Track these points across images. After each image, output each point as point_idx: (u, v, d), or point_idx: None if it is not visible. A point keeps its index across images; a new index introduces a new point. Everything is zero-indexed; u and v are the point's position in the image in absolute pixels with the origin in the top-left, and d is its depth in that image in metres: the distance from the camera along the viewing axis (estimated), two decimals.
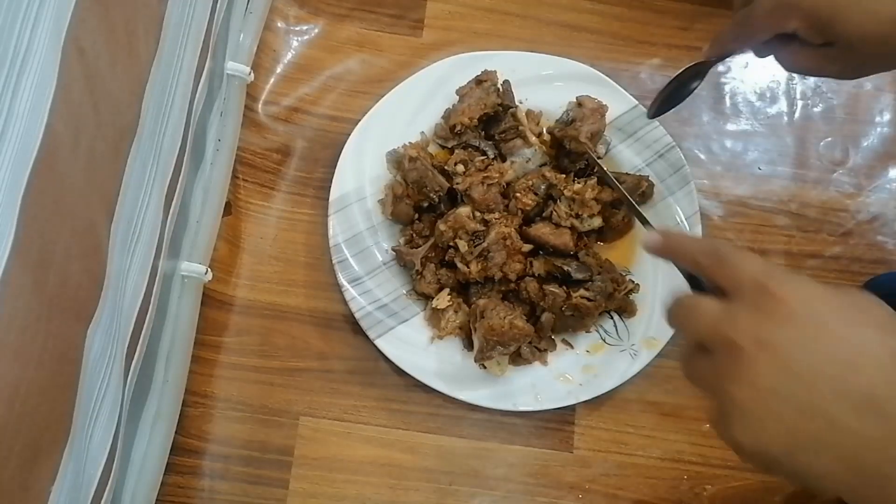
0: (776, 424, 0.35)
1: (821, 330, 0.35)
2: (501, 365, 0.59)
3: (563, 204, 0.61)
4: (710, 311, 0.37)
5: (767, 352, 0.35)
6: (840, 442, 0.34)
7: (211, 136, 0.63)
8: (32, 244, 0.32)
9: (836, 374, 0.34)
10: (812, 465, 0.35)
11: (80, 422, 0.40)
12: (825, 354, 0.34)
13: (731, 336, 0.36)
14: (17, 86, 0.31)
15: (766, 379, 0.35)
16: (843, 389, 0.34)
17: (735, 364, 0.35)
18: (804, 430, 0.34)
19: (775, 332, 0.35)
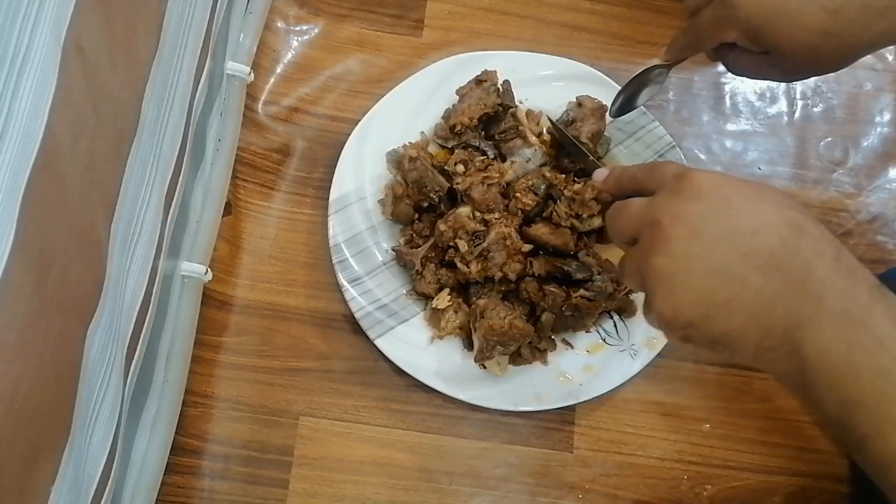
0: (692, 290, 0.39)
1: (727, 204, 0.40)
2: (501, 365, 0.59)
3: (563, 204, 0.61)
4: (637, 205, 0.43)
5: (681, 223, 0.40)
6: (750, 301, 0.38)
7: (211, 136, 0.63)
8: (32, 244, 0.32)
9: (741, 240, 0.39)
10: (726, 327, 0.39)
11: (80, 422, 0.40)
12: (732, 224, 0.39)
13: (651, 216, 0.41)
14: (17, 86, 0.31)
15: (682, 247, 0.39)
16: (749, 252, 0.38)
17: (655, 239, 0.40)
18: (718, 293, 0.39)
19: (688, 207, 0.40)
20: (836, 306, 0.37)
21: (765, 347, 0.39)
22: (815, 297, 0.38)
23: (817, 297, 0.38)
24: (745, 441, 0.62)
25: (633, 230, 0.43)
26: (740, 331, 0.39)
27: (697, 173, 0.41)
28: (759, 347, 0.39)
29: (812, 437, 0.63)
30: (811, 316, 0.37)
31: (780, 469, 0.62)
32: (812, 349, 0.37)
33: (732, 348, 0.40)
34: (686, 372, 0.64)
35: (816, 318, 0.37)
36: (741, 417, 0.63)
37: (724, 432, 0.62)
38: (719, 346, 0.40)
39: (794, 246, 0.38)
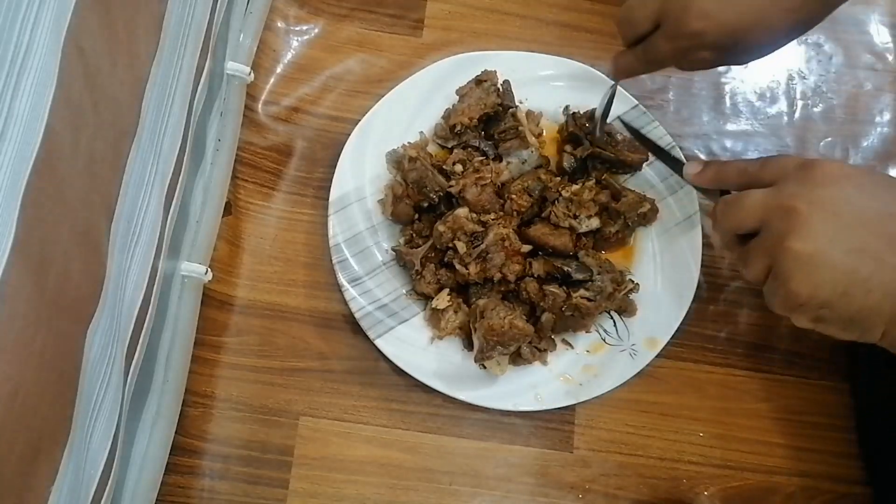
0: (833, 269, 0.41)
1: (860, 188, 0.42)
2: (501, 365, 0.59)
3: (561, 205, 0.61)
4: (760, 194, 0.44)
5: (820, 208, 0.42)
6: (886, 278, 0.41)
7: (211, 136, 0.64)
8: (32, 244, 0.32)
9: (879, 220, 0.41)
10: (862, 304, 0.41)
11: (80, 422, 0.40)
12: (867, 206, 0.42)
13: (786, 203, 0.43)
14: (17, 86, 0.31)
15: (823, 230, 0.41)
16: (886, 232, 0.41)
17: (793, 224, 0.42)
18: (858, 271, 0.41)
19: (823, 192, 0.42)
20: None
21: None
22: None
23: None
24: (745, 441, 0.62)
25: (757, 220, 0.44)
26: (876, 306, 0.41)
27: (824, 162, 0.43)
28: (891, 322, 0.41)
29: (812, 437, 0.63)
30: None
31: (780, 469, 0.62)
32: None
33: (865, 326, 0.42)
34: (686, 372, 0.64)
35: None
36: (741, 417, 0.63)
37: (724, 432, 0.62)
38: (853, 324, 0.42)
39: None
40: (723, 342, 0.65)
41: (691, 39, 0.50)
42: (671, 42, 0.51)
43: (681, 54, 0.52)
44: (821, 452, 0.63)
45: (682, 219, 0.65)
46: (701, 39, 0.49)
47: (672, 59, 0.52)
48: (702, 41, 0.50)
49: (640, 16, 0.51)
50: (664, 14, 0.50)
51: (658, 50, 0.52)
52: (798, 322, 0.44)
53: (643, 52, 0.53)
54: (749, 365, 0.48)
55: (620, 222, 0.63)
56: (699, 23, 0.48)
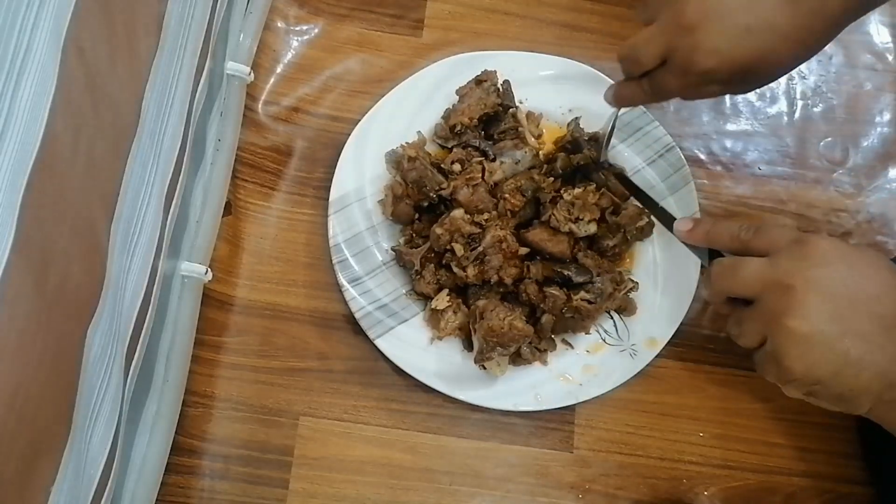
0: (827, 350, 0.42)
1: (852, 268, 0.44)
2: (501, 365, 0.59)
3: (563, 208, 0.61)
4: (756, 265, 0.46)
5: (815, 288, 0.43)
6: (877, 360, 0.42)
7: (211, 136, 0.63)
8: (32, 244, 0.32)
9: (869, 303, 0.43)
10: (853, 384, 0.42)
11: (80, 422, 0.40)
12: (860, 288, 0.43)
13: (782, 280, 0.44)
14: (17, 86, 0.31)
15: (819, 310, 0.43)
16: (875, 314, 0.43)
17: (789, 302, 0.43)
18: (850, 352, 0.42)
19: (819, 272, 0.43)
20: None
21: (886, 399, 0.43)
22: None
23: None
24: (745, 441, 0.62)
25: (753, 291, 0.46)
26: (865, 386, 0.43)
27: (818, 239, 0.45)
28: (879, 399, 0.43)
29: (812, 437, 0.63)
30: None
31: (780, 469, 0.62)
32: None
33: (854, 402, 0.44)
34: (686, 372, 0.64)
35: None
36: (741, 417, 0.63)
37: (724, 432, 0.62)
38: (843, 400, 0.44)
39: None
40: (723, 342, 0.65)
41: (701, 76, 0.49)
42: (680, 79, 0.51)
43: (690, 88, 0.51)
44: (821, 452, 0.63)
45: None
46: (711, 76, 0.49)
47: (679, 92, 0.52)
48: (711, 78, 0.49)
49: (647, 53, 0.51)
50: (672, 52, 0.49)
51: (665, 85, 0.52)
52: (789, 393, 0.46)
53: (650, 85, 0.53)
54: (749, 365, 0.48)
55: (620, 236, 0.62)
56: (710, 61, 0.48)
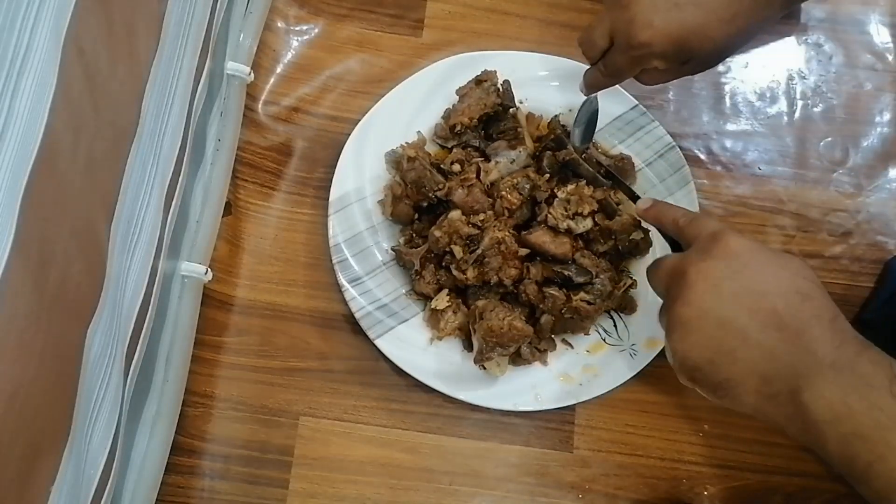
0: (703, 336, 0.45)
1: (748, 267, 0.45)
2: (501, 365, 0.59)
3: (559, 206, 0.61)
4: (670, 260, 0.49)
5: (704, 278, 0.45)
6: (750, 353, 0.43)
7: (211, 136, 0.63)
8: (32, 244, 0.32)
9: (752, 298, 0.44)
10: (729, 374, 0.44)
11: (80, 422, 0.40)
12: (746, 284, 0.45)
13: (681, 267, 0.47)
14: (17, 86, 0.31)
15: (700, 298, 0.45)
16: (756, 309, 0.44)
17: (679, 288, 0.46)
18: (724, 341, 0.44)
19: (713, 265, 0.45)
20: (827, 358, 0.42)
21: (764, 394, 0.44)
22: (809, 351, 0.43)
23: (811, 351, 0.43)
24: (745, 441, 0.62)
25: (665, 282, 0.48)
26: (741, 378, 0.44)
27: (731, 236, 0.46)
28: (758, 394, 0.44)
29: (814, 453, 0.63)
30: (807, 366, 0.42)
31: (780, 469, 0.62)
32: (809, 394, 0.42)
33: (734, 395, 0.45)
34: None
35: (812, 367, 0.42)
36: (741, 417, 0.62)
37: (724, 432, 0.62)
38: (721, 391, 0.45)
39: (796, 308, 0.44)
40: None
41: (640, 49, 0.54)
42: (624, 54, 0.55)
43: (635, 64, 0.56)
44: None
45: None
46: (649, 49, 0.54)
47: (629, 69, 0.57)
48: (650, 51, 0.54)
49: (597, 35, 0.56)
50: (615, 29, 0.55)
51: (615, 63, 0.57)
52: (681, 380, 0.47)
53: (604, 66, 0.58)
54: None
55: (611, 243, 0.62)
56: (644, 33, 0.53)
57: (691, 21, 0.52)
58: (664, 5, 0.52)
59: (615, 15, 0.54)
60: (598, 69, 0.59)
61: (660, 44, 0.53)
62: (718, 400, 0.46)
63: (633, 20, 0.53)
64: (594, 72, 0.59)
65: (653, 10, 0.52)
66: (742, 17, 0.53)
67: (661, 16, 0.52)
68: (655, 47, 0.53)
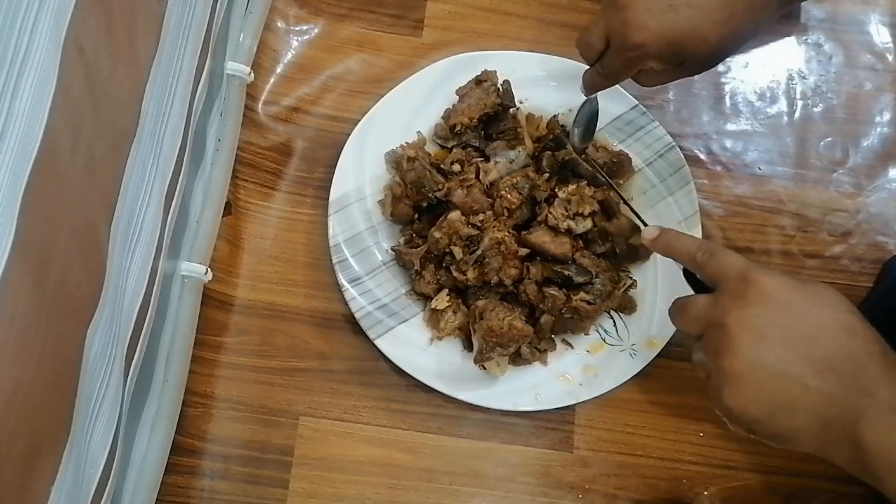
0: (758, 390, 0.43)
1: (789, 310, 0.44)
2: (501, 365, 0.59)
3: (559, 206, 0.61)
4: (701, 304, 0.47)
5: (747, 328, 0.43)
6: (810, 402, 0.42)
7: (211, 136, 0.63)
8: (32, 244, 0.32)
9: (802, 345, 0.43)
10: (790, 424, 0.43)
11: (80, 422, 0.40)
12: (793, 329, 0.43)
13: (718, 318, 0.44)
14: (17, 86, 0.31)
15: (748, 350, 0.43)
16: (809, 357, 0.42)
17: (723, 340, 0.44)
18: (782, 394, 0.42)
19: (753, 312, 0.44)
20: (886, 399, 0.41)
21: (826, 441, 0.43)
22: (867, 393, 0.42)
23: (869, 393, 0.42)
24: (745, 441, 0.62)
25: (699, 329, 0.46)
26: (803, 427, 0.43)
27: (760, 276, 0.44)
28: (820, 440, 0.43)
29: None
30: (866, 410, 0.41)
31: (780, 469, 0.62)
32: (869, 440, 0.41)
33: (796, 442, 0.43)
34: (686, 372, 0.64)
35: (871, 411, 0.41)
36: None
37: (724, 432, 0.62)
38: (784, 440, 0.44)
39: (847, 348, 0.43)
40: None
41: (635, 51, 0.54)
42: (620, 55, 0.55)
43: (631, 65, 0.56)
44: None
45: (681, 219, 0.65)
46: (644, 50, 0.54)
47: (625, 70, 0.57)
48: (645, 52, 0.54)
49: (593, 36, 0.56)
50: (610, 31, 0.55)
51: (611, 64, 0.57)
52: (733, 430, 0.46)
53: (601, 67, 0.58)
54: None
55: (608, 245, 0.62)
56: (639, 35, 0.53)
57: (685, 23, 0.52)
58: (658, 7, 0.52)
59: (611, 17, 0.54)
60: (595, 70, 0.59)
61: (654, 45, 0.53)
62: (780, 447, 0.45)
63: (627, 22, 0.53)
64: (592, 73, 0.60)
65: (647, 12, 0.52)
66: (736, 18, 0.53)
67: (655, 18, 0.52)
68: (650, 49, 0.53)
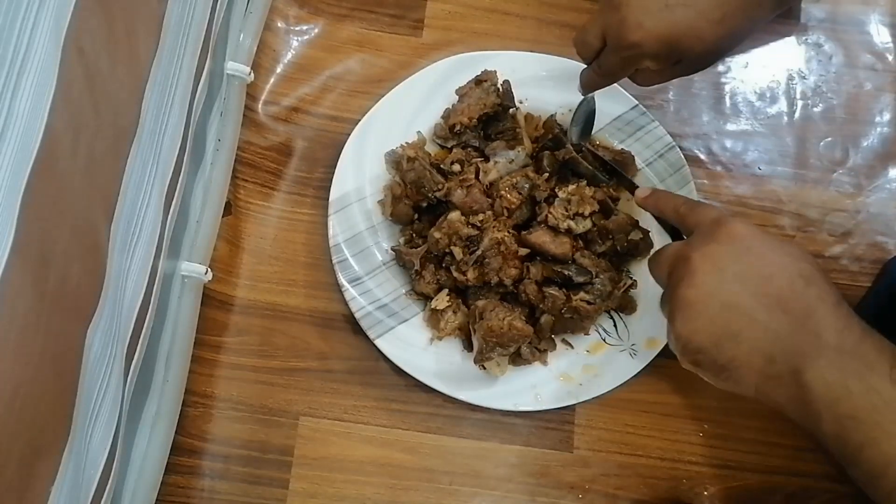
0: (708, 318, 0.45)
1: (751, 251, 0.46)
2: (501, 365, 0.59)
3: (560, 206, 0.61)
4: (673, 247, 0.49)
5: (708, 261, 0.45)
6: (757, 334, 0.44)
7: (211, 136, 0.63)
8: (32, 244, 0.32)
9: (756, 281, 0.45)
10: (734, 354, 0.44)
11: (80, 422, 0.40)
12: (751, 266, 0.45)
13: (685, 253, 0.47)
14: (17, 86, 0.31)
15: (704, 281, 0.45)
16: (760, 292, 0.44)
17: (683, 272, 0.46)
18: (729, 323, 0.44)
19: (717, 248, 0.46)
20: (831, 341, 0.43)
21: (767, 374, 0.44)
22: (813, 333, 0.43)
23: (816, 333, 0.43)
24: (745, 441, 0.62)
25: (668, 268, 0.48)
26: (746, 359, 0.44)
27: (734, 221, 0.47)
28: (761, 374, 0.44)
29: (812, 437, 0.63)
30: (810, 348, 0.43)
31: (780, 469, 0.62)
32: (811, 374, 0.42)
33: (737, 376, 0.45)
34: (686, 372, 0.63)
35: (815, 349, 0.43)
36: (741, 417, 0.63)
37: (724, 432, 0.62)
38: (725, 372, 0.45)
39: (801, 292, 0.44)
40: None
41: (631, 49, 0.54)
42: (616, 55, 0.56)
43: (627, 65, 0.56)
44: (821, 452, 0.62)
45: None
46: (640, 49, 0.54)
47: (621, 69, 0.57)
48: (641, 51, 0.54)
49: (590, 35, 0.57)
50: (607, 30, 0.55)
51: (608, 63, 0.57)
52: (683, 364, 0.48)
53: (598, 66, 0.58)
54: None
55: (609, 244, 0.62)
56: (635, 34, 0.53)
57: (681, 22, 0.52)
58: (655, 6, 0.52)
59: (607, 16, 0.55)
60: (592, 69, 0.59)
61: (650, 44, 0.53)
62: (721, 382, 0.46)
63: (624, 21, 0.53)
64: (589, 72, 0.60)
65: (643, 12, 0.53)
66: (732, 17, 0.53)
67: (651, 17, 0.52)
68: (646, 48, 0.54)
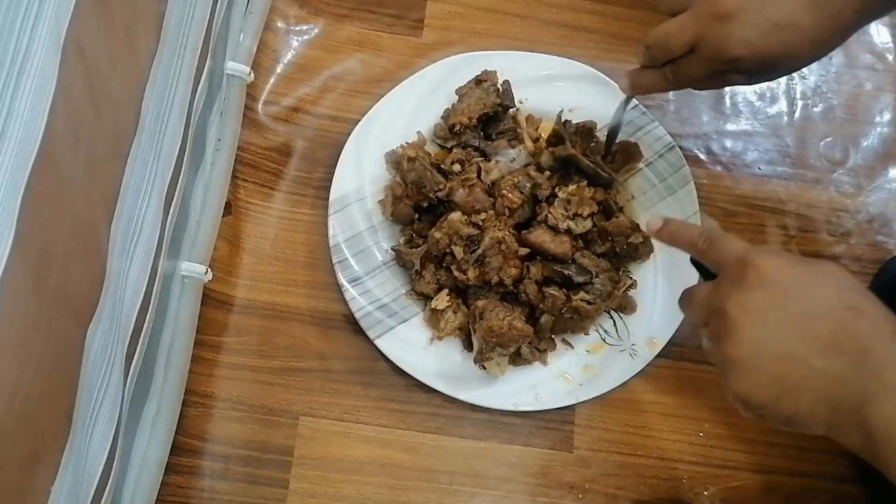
0: (761, 374, 0.42)
1: (789, 291, 0.43)
2: (501, 365, 0.59)
3: (560, 206, 0.61)
4: (704, 292, 0.47)
5: (747, 313, 0.43)
6: (815, 383, 0.41)
7: (211, 136, 0.63)
8: (32, 244, 0.32)
9: (803, 325, 0.42)
10: (796, 407, 0.42)
11: (80, 422, 0.40)
12: (794, 311, 0.42)
13: (719, 306, 0.44)
14: (17, 86, 0.31)
15: (748, 335, 0.42)
16: (812, 337, 0.41)
17: (725, 327, 0.43)
18: (786, 375, 0.42)
19: (752, 297, 0.43)
20: (894, 381, 0.40)
21: (834, 424, 0.42)
22: (874, 374, 0.40)
23: (876, 374, 0.40)
24: (745, 441, 0.62)
25: (703, 317, 0.46)
26: (810, 410, 0.42)
27: (761, 260, 0.43)
28: (828, 423, 0.42)
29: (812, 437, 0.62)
30: (874, 392, 0.40)
31: (780, 469, 0.62)
32: (877, 423, 0.40)
33: (805, 426, 0.43)
34: (686, 372, 0.64)
35: (879, 393, 0.40)
36: (741, 417, 0.62)
37: (724, 432, 0.62)
38: (792, 424, 0.43)
39: (852, 328, 0.41)
40: None
41: (728, 65, 0.52)
42: (706, 65, 0.52)
43: (715, 76, 0.53)
44: (821, 452, 0.63)
45: (682, 219, 0.65)
46: (737, 65, 0.51)
47: (704, 79, 0.54)
48: (737, 67, 0.51)
49: (678, 41, 0.52)
50: (703, 40, 0.51)
51: (691, 71, 0.53)
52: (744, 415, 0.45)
53: (672, 72, 0.55)
54: None
55: (608, 245, 0.62)
56: (739, 50, 0.50)
57: (787, 42, 0.50)
58: (764, 25, 0.50)
59: (707, 26, 0.51)
60: (662, 73, 0.55)
61: (750, 62, 0.51)
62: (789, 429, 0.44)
63: (729, 36, 0.50)
64: (653, 75, 0.56)
65: (753, 29, 0.50)
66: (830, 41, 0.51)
67: (760, 35, 0.50)
68: (744, 64, 0.51)
